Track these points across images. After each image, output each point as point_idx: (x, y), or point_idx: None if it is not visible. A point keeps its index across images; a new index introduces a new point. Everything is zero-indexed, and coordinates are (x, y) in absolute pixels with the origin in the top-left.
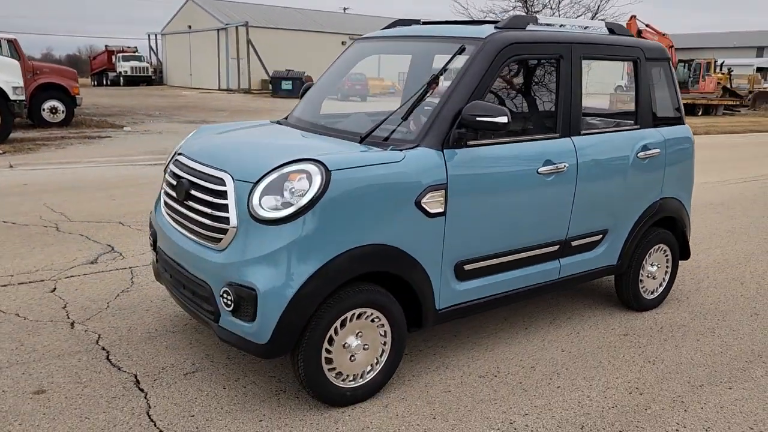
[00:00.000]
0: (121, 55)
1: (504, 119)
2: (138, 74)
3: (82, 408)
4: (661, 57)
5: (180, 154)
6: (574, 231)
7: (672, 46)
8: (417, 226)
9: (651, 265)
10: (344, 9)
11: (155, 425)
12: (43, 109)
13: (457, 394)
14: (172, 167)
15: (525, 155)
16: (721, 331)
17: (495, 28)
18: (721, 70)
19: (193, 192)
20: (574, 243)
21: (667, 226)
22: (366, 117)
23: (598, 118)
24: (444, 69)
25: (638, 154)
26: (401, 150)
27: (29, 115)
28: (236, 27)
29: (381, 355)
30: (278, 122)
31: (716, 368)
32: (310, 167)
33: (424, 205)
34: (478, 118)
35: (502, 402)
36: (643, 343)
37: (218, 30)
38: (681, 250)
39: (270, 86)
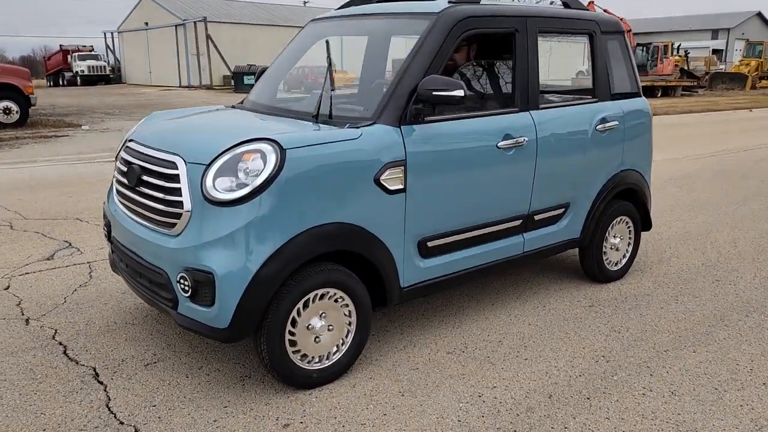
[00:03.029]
0: (76, 54)
1: (459, 92)
2: (95, 73)
3: (38, 404)
4: (616, 30)
5: (131, 140)
6: (536, 205)
7: (630, 30)
8: (377, 204)
9: (614, 237)
10: (304, 2)
11: (115, 417)
12: None
13: (425, 371)
14: (122, 154)
15: (484, 130)
16: (684, 298)
17: (448, 2)
18: (678, 52)
19: (144, 177)
20: (536, 217)
21: (628, 198)
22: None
23: (557, 95)
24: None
25: (597, 127)
26: (358, 127)
27: None
28: (194, 22)
29: (346, 336)
30: (233, 107)
31: (680, 333)
32: (264, 146)
33: (383, 182)
34: (434, 93)
35: (470, 376)
36: (609, 313)
37: (176, 26)
38: (643, 222)
39: (232, 82)
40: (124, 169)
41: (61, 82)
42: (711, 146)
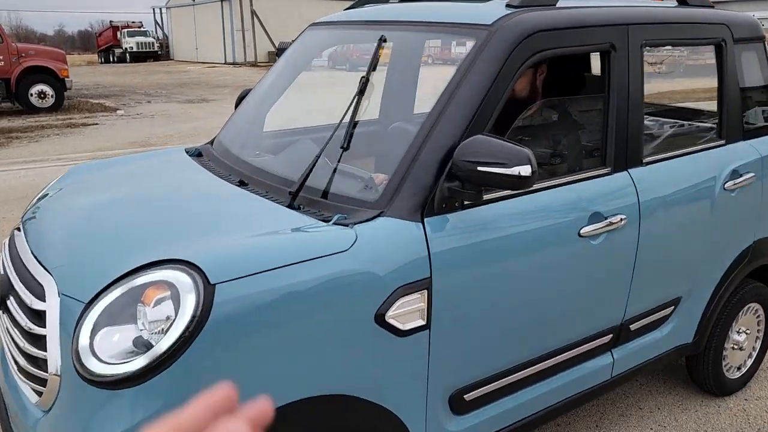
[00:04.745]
0: (126, 30)
1: (526, 170)
2: (144, 50)
3: None
4: (754, 36)
5: (24, 221)
6: (633, 310)
7: None
8: (382, 355)
9: (738, 332)
10: None
11: None
12: (31, 94)
13: None
14: (4, 244)
15: (558, 210)
16: None
17: (507, 6)
18: None
19: (10, 299)
20: (633, 326)
21: (762, 277)
22: (314, 147)
23: (658, 122)
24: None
25: (725, 185)
26: (351, 225)
27: (18, 100)
28: None
29: None
30: (197, 151)
31: None
32: (179, 277)
33: (391, 321)
34: (480, 168)
35: None
36: None
37: (222, 1)
38: None
39: (276, 58)
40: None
41: (111, 59)
42: None
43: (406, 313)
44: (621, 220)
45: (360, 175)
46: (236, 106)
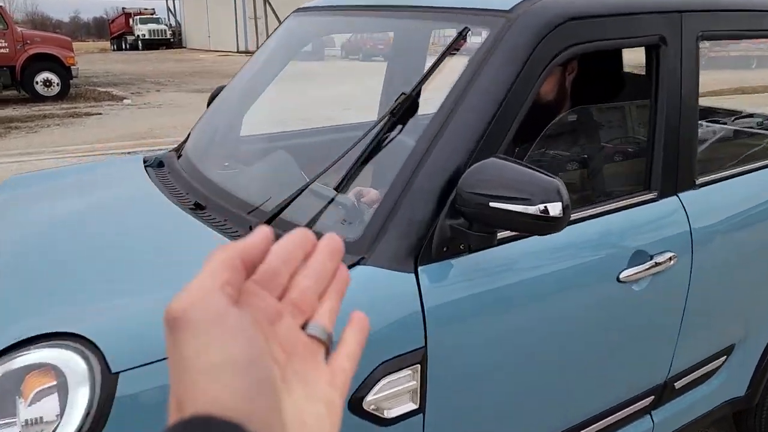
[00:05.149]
0: (138, 17)
1: (556, 208)
2: (156, 37)
3: None
4: None
5: None
6: (680, 364)
7: None
8: None
9: None
10: None
11: None
12: (37, 82)
13: None
14: None
15: (591, 249)
16: None
17: None
18: None
19: None
20: (678, 384)
21: None
22: (290, 161)
23: (710, 123)
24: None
25: None
26: None
27: (23, 88)
28: None
29: None
30: (158, 160)
31: None
32: (68, 360)
33: (371, 409)
34: (493, 204)
35: None
36: None
37: None
38: None
39: None
40: None
41: (123, 46)
42: None
43: (392, 396)
44: (670, 259)
45: (341, 201)
46: (208, 105)
